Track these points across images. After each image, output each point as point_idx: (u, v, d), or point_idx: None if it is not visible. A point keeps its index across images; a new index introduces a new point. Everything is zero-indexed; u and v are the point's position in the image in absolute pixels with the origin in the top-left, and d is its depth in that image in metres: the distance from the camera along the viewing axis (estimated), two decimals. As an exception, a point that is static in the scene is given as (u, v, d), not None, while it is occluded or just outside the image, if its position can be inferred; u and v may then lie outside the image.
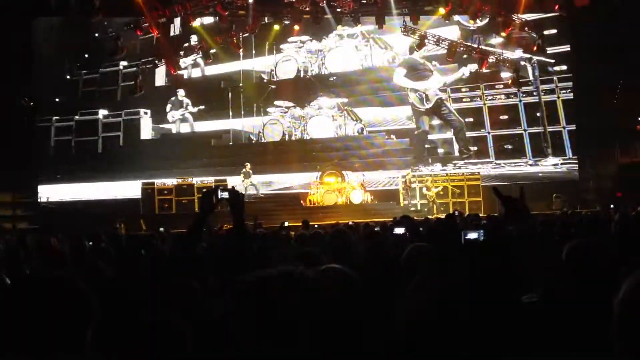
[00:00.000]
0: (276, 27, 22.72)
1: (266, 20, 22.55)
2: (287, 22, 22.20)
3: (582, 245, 2.91)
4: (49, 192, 23.33)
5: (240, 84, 25.52)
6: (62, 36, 24.21)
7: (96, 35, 24.26)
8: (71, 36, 24.13)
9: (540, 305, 2.81)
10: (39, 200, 22.71)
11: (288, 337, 1.48)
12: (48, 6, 19.48)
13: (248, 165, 22.94)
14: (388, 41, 25.25)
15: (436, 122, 24.97)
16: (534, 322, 2.43)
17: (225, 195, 3.65)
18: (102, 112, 25.82)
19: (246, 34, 21.91)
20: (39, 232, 15.16)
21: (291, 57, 25.76)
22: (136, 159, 24.62)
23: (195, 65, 25.17)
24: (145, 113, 25.80)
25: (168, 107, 25.65)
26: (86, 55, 25.33)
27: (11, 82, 20.16)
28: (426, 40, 22.07)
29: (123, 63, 24.89)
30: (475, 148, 24.37)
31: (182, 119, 25.84)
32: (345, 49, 25.56)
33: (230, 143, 26.04)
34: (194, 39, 23.45)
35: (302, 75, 25.71)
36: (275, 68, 25.83)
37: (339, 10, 21.17)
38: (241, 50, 23.00)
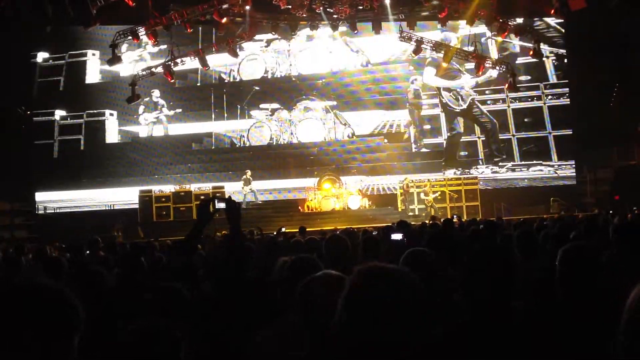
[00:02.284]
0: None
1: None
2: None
3: (576, 249, 2.92)
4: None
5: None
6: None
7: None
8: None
9: (533, 309, 2.82)
10: (37, 208, 22.65)
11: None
12: (45, 15, 19.48)
13: (249, 172, 22.92)
14: (361, 45, 25.22)
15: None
16: (527, 327, 2.43)
17: (222, 205, 3.68)
18: (60, 113, 24.85)
19: (243, 41, 21.89)
20: (37, 241, 15.17)
21: (257, 57, 25.37)
22: (103, 165, 24.14)
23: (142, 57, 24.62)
24: (112, 114, 25.11)
25: (141, 109, 24.95)
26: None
27: (10, 93, 20.17)
28: (423, 46, 22.11)
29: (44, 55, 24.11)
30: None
31: (155, 122, 25.23)
32: (316, 51, 25.30)
33: (213, 147, 25.80)
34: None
35: (269, 77, 25.55)
36: (238, 67, 25.50)
37: (335, 16, 21.20)
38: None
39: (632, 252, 4.08)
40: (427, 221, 14.72)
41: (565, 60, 24.14)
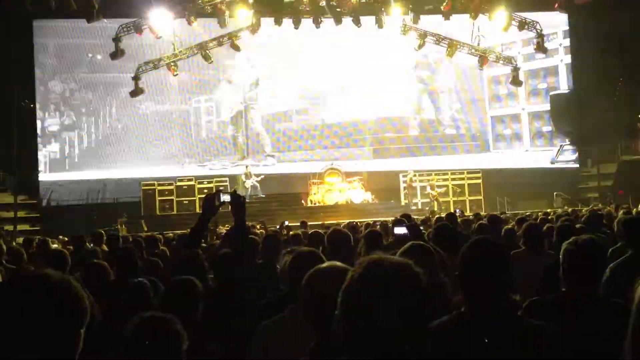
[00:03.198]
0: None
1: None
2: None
3: (579, 243, 2.91)
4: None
5: None
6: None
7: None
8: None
9: (536, 303, 2.82)
10: (41, 199, 22.63)
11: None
12: (48, 9, 19.47)
13: (249, 167, 22.97)
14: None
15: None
16: (528, 321, 2.42)
17: (227, 198, 3.71)
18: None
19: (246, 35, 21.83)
20: (41, 234, 15.18)
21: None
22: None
23: None
24: None
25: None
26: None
27: (12, 84, 20.15)
28: (426, 39, 22.09)
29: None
30: None
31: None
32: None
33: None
34: None
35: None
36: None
37: (338, 10, 21.13)
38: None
39: (638, 246, 4.07)
40: (429, 215, 14.73)
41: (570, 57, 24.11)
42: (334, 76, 25.22)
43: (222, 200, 3.74)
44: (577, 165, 23.65)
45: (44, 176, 23.30)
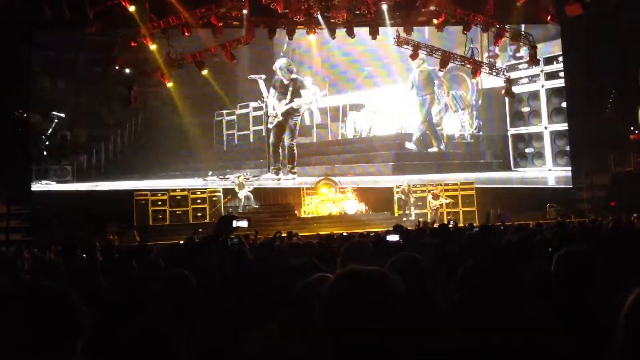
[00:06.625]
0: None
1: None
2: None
3: (571, 254, 2.93)
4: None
5: None
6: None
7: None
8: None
9: (528, 315, 2.84)
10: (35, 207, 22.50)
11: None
12: (43, 18, 19.50)
13: (241, 177, 22.96)
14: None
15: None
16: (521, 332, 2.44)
17: (244, 224, 3.95)
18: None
19: (240, 45, 21.90)
20: (33, 244, 15.11)
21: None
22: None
23: None
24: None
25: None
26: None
27: (6, 95, 20.13)
28: (420, 51, 22.20)
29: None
30: None
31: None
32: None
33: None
34: None
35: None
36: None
37: (332, 21, 21.24)
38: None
39: (627, 258, 4.10)
40: (419, 225, 14.73)
41: (562, 68, 24.22)
42: (354, 91, 25.33)
43: (236, 226, 3.98)
44: (570, 177, 23.74)
45: (70, 186, 23.28)
